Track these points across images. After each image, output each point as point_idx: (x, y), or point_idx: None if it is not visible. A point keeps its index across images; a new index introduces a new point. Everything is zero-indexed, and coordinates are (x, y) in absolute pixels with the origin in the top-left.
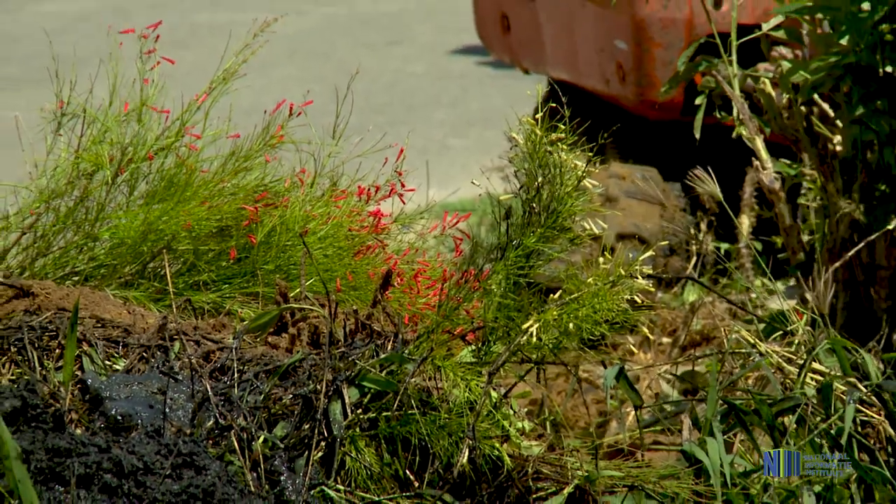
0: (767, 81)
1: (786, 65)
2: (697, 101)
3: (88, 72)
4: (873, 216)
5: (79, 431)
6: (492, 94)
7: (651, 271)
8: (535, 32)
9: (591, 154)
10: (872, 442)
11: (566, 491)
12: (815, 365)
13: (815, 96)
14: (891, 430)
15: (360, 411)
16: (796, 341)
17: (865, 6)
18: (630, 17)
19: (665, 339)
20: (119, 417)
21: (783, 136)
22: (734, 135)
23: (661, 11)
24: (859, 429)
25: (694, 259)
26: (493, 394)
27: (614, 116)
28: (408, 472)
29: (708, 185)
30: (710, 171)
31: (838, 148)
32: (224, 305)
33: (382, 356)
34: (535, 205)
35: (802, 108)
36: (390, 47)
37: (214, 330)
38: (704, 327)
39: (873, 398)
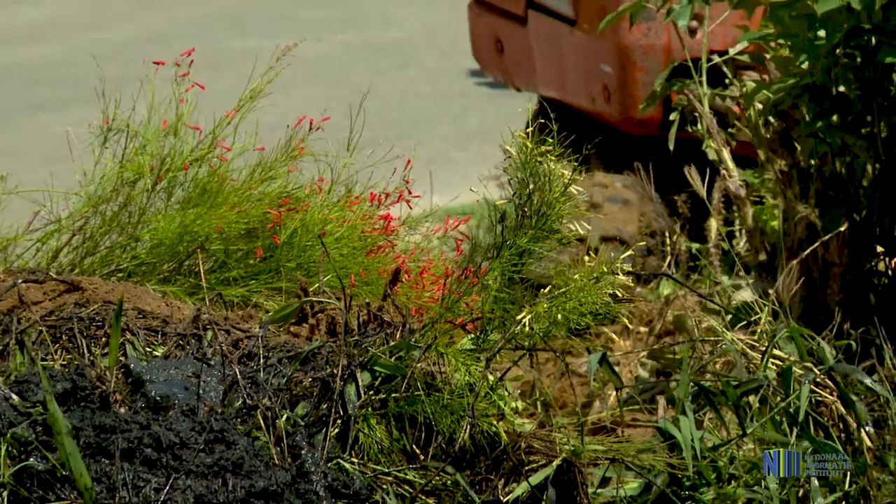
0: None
1: (751, 85)
2: (671, 117)
3: (131, 92)
4: (827, 219)
5: (122, 411)
6: (488, 111)
7: (630, 269)
8: (526, 55)
9: (576, 164)
10: (826, 419)
11: (555, 463)
12: (776, 351)
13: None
14: (842, 409)
15: (371, 393)
16: (759, 330)
17: (821, 34)
18: (615, 44)
19: (642, 329)
20: (158, 398)
21: (750, 148)
22: (703, 147)
23: (642, 39)
24: (814, 408)
25: (669, 258)
26: (490, 377)
27: (597, 130)
28: (414, 446)
29: (696, 185)
30: (689, 176)
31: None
32: (251, 299)
33: (392, 344)
34: (526, 209)
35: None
36: (399, 71)
37: (243, 320)
38: (677, 318)
39: (827, 381)
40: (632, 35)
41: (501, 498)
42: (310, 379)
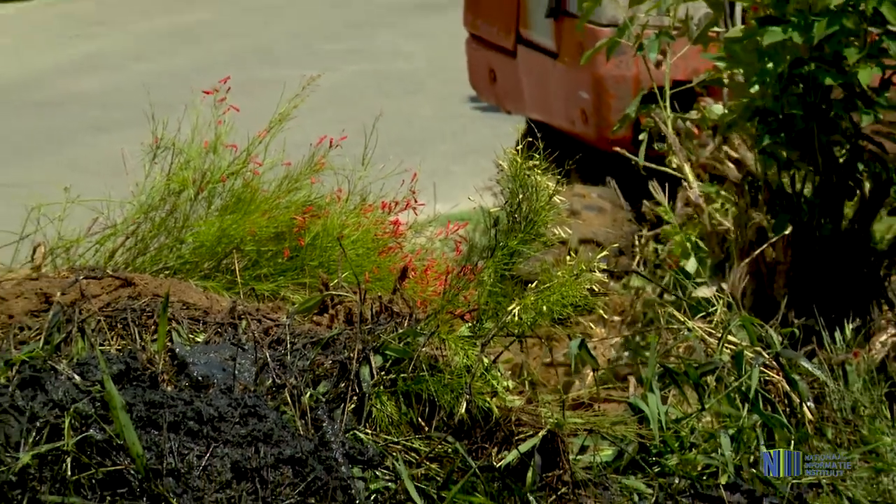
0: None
1: (712, 109)
2: (640, 137)
3: (176, 116)
4: (774, 224)
5: (169, 389)
6: (483, 131)
7: (604, 267)
8: (515, 83)
9: (559, 177)
10: (773, 396)
11: (540, 434)
12: (730, 337)
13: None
14: (787, 388)
15: (383, 373)
16: (716, 320)
17: (770, 65)
18: (591, 75)
19: (616, 318)
20: (199, 378)
21: (708, 163)
22: (667, 161)
23: (614, 70)
24: (763, 386)
25: (637, 257)
26: (485, 360)
27: (577, 148)
28: (420, 419)
29: (660, 198)
30: (652, 189)
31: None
32: (279, 293)
33: (400, 331)
34: (516, 216)
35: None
36: (406, 96)
37: (272, 311)
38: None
39: (774, 363)
40: (606, 67)
41: (495, 464)
42: (330, 361)
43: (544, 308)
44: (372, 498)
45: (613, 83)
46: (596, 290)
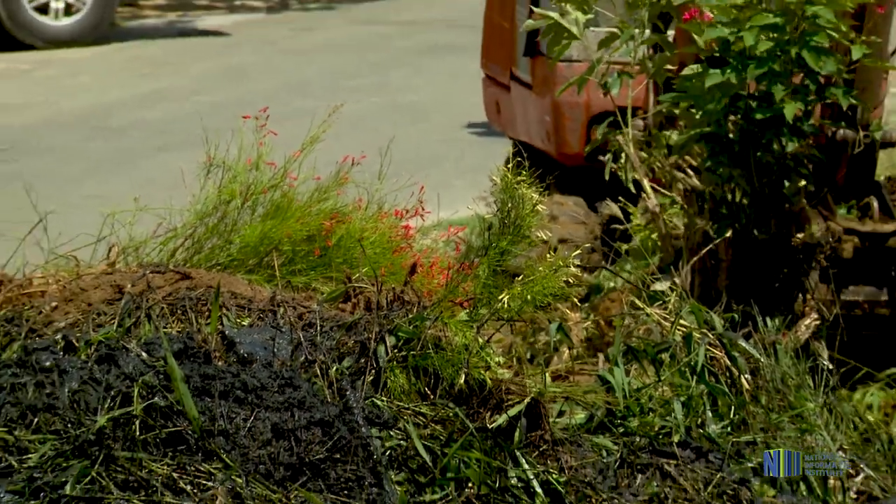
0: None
1: (666, 134)
2: (606, 157)
3: (225, 139)
4: (716, 229)
5: (219, 364)
6: (479, 153)
7: (579, 263)
8: (511, 112)
9: (541, 189)
10: (717, 370)
11: (525, 401)
12: (681, 322)
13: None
14: (728, 362)
15: (396, 351)
16: (670, 307)
17: (713, 102)
18: (551, 101)
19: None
20: (245, 355)
21: (661, 178)
22: (629, 176)
23: (568, 98)
24: (709, 362)
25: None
26: (480, 340)
27: (555, 165)
28: (426, 389)
29: (613, 209)
30: (609, 204)
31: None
32: (311, 285)
33: (410, 316)
34: (506, 221)
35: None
36: (415, 124)
37: (305, 300)
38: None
39: (717, 342)
40: (562, 95)
41: (488, 425)
42: (352, 341)
43: (529, 297)
44: (387, 454)
45: (568, 108)
46: (571, 282)
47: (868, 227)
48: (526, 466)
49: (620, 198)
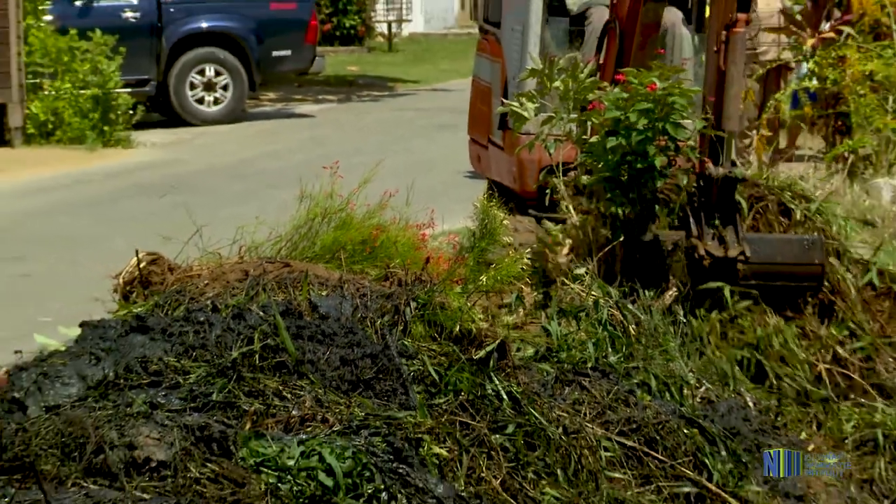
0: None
1: (581, 178)
2: (547, 191)
3: (312, 181)
4: (614, 235)
5: (307, 319)
6: (468, 189)
7: (529, 257)
8: (488, 163)
9: (507, 210)
10: (614, 322)
11: (496, 342)
12: (592, 292)
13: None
14: (621, 318)
15: (416, 311)
16: (586, 283)
17: (610, 156)
18: (517, 159)
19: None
20: (323, 313)
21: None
22: (559, 203)
23: (527, 155)
24: (610, 317)
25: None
26: (468, 304)
27: (515, 196)
28: (435, 334)
29: (548, 225)
30: (545, 222)
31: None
32: (364, 270)
33: (425, 289)
34: (484, 231)
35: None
36: (428, 172)
37: (360, 279)
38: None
39: (615, 306)
40: (522, 153)
41: (473, 357)
42: (389, 305)
43: (499, 277)
44: (411, 374)
45: (528, 162)
46: (525, 268)
47: (719, 252)
48: (497, 382)
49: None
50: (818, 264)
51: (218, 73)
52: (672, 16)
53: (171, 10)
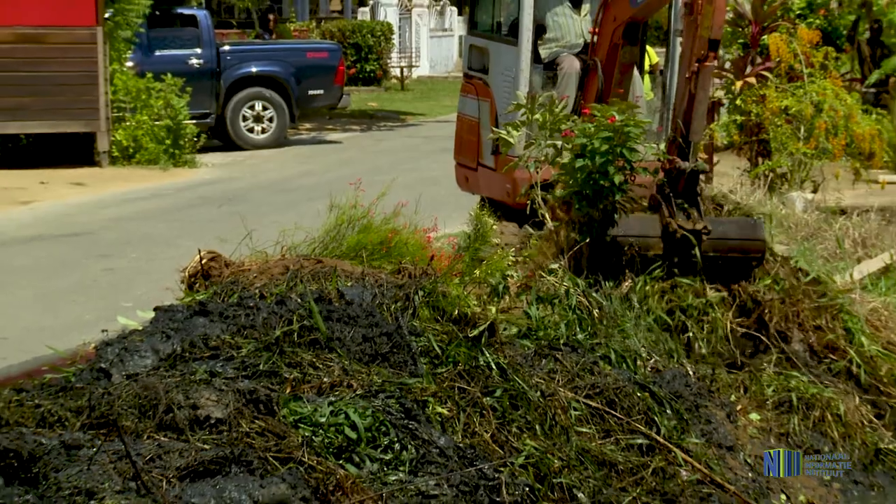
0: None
1: (556, 191)
2: (530, 202)
3: (337, 194)
4: (581, 237)
5: (336, 304)
6: (465, 201)
7: (514, 254)
8: (476, 182)
9: (496, 219)
10: (581, 308)
11: (488, 322)
12: (564, 283)
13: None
14: (588, 303)
15: (423, 296)
16: (559, 275)
17: (579, 174)
18: (510, 177)
19: (519, 275)
20: (349, 300)
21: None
22: (539, 212)
23: (519, 174)
24: (578, 303)
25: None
26: (464, 292)
27: (503, 206)
28: (438, 317)
29: (530, 229)
30: (529, 228)
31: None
32: (382, 266)
33: (430, 281)
34: (477, 234)
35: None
36: (433, 186)
37: (379, 273)
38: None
39: (582, 294)
40: (515, 173)
41: (469, 335)
42: (402, 293)
43: (490, 271)
44: (419, 350)
45: (519, 179)
46: (511, 263)
47: (689, 225)
48: (487, 355)
49: (529, 228)
50: (761, 240)
51: (265, 108)
52: None
53: (228, 57)
